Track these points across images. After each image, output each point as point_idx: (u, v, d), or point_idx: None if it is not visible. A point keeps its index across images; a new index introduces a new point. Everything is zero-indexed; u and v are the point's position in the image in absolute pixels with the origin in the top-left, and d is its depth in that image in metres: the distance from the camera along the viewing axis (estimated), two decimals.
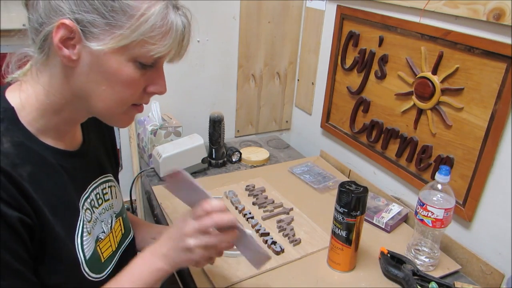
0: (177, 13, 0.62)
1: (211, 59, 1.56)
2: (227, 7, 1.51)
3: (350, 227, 0.94)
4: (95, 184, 0.76)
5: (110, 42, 0.58)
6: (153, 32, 0.59)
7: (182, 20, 0.62)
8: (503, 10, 0.89)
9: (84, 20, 0.57)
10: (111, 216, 0.80)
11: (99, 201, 0.76)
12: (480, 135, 1.00)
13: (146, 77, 0.65)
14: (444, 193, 0.96)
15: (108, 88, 0.62)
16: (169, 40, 0.61)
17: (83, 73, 0.61)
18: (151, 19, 0.58)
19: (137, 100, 0.67)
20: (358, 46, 1.33)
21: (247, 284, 0.93)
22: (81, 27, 0.57)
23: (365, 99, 1.34)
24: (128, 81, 0.62)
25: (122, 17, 0.58)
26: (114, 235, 0.79)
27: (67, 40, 0.58)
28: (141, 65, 0.62)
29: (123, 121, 0.69)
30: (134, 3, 0.58)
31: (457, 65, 1.02)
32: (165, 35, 0.60)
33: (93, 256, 0.70)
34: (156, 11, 0.58)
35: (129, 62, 0.61)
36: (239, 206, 1.20)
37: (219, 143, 1.44)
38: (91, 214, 0.72)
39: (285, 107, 1.80)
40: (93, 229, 0.72)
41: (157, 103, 1.43)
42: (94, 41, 0.58)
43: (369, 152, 1.35)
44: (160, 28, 0.59)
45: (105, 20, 0.57)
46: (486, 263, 1.00)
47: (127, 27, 0.58)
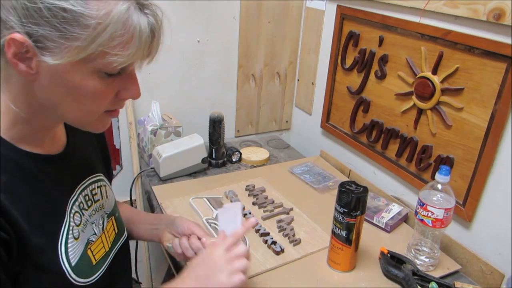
0: (142, 14, 0.56)
1: (211, 59, 1.56)
2: (227, 7, 1.51)
3: (350, 227, 0.94)
4: (84, 185, 0.74)
5: (66, 56, 0.54)
6: (113, 42, 0.54)
7: (149, 21, 0.57)
8: (503, 10, 0.89)
9: (36, 34, 0.52)
10: (102, 217, 0.78)
11: (89, 202, 0.74)
12: (480, 135, 1.00)
13: (115, 84, 0.61)
14: (444, 193, 0.96)
15: (74, 101, 0.59)
16: (133, 48, 0.56)
17: (45, 86, 0.57)
18: (109, 27, 0.53)
19: (108, 107, 0.63)
20: (358, 46, 1.33)
21: (247, 284, 0.93)
22: (33, 41, 0.53)
23: (365, 99, 1.34)
24: (94, 93, 0.58)
25: (76, 28, 0.52)
26: (107, 236, 0.78)
27: (21, 54, 0.54)
28: (107, 74, 0.58)
29: (97, 128, 0.66)
30: (88, 11, 0.52)
31: (457, 65, 1.02)
32: (127, 43, 0.55)
33: (80, 261, 0.68)
34: (115, 18, 0.53)
35: (92, 74, 0.57)
36: None
37: (219, 143, 1.44)
38: (80, 217, 0.70)
39: (285, 107, 1.80)
40: (83, 232, 0.71)
41: (157, 103, 1.43)
42: (49, 56, 0.54)
43: (369, 152, 1.35)
44: (121, 36, 0.54)
45: (58, 32, 0.52)
46: (486, 263, 1.00)
47: (83, 38, 0.53)
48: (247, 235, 1.07)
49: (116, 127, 1.48)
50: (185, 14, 1.45)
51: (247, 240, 1.05)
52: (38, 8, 0.51)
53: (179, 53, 1.49)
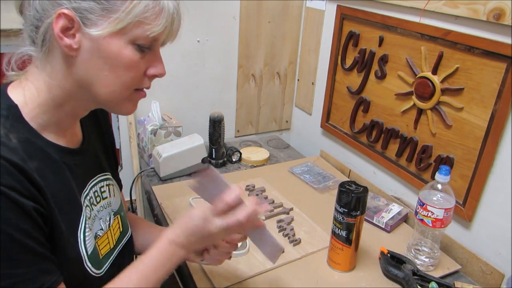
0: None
1: (211, 59, 1.56)
2: (227, 7, 1.51)
3: (350, 227, 0.94)
4: (94, 182, 0.77)
5: (108, 27, 0.60)
6: (147, 13, 0.62)
7: (172, 3, 0.65)
8: (503, 10, 0.89)
9: (81, 8, 0.59)
10: (109, 214, 0.80)
11: (97, 198, 0.77)
12: (480, 135, 1.00)
13: (145, 60, 0.66)
14: (444, 193, 0.96)
15: (111, 73, 0.64)
16: (163, 19, 0.64)
17: (84, 60, 0.62)
18: (143, 1, 0.61)
19: (139, 84, 0.68)
20: (358, 46, 1.33)
21: (247, 284, 0.93)
22: (79, 15, 0.60)
23: (365, 99, 1.34)
24: (129, 63, 0.64)
25: (116, 1, 0.60)
26: (112, 233, 0.80)
27: (67, 29, 0.60)
28: (140, 47, 0.64)
29: (128, 108, 0.70)
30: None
31: (457, 65, 1.02)
32: (159, 15, 0.63)
33: (93, 252, 0.72)
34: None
35: (128, 45, 0.63)
36: None
37: (219, 143, 1.44)
38: (90, 211, 0.74)
39: (285, 107, 1.80)
40: (92, 226, 0.74)
41: (157, 103, 1.43)
42: (92, 27, 0.60)
43: (369, 152, 1.35)
44: (153, 8, 0.62)
45: (100, 5, 0.60)
46: (486, 263, 1.00)
47: (122, 10, 0.60)
48: None
49: (116, 127, 1.48)
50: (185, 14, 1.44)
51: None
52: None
53: (179, 53, 1.49)
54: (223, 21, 1.52)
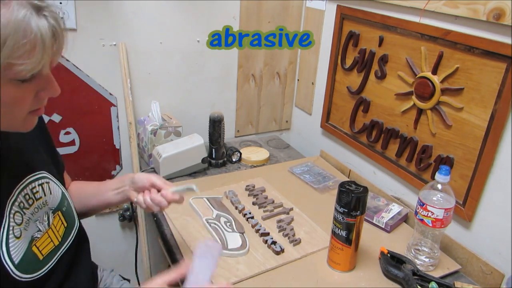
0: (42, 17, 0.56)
1: (211, 59, 1.56)
2: (227, 7, 1.51)
3: (350, 227, 0.94)
4: (23, 185, 0.74)
5: None
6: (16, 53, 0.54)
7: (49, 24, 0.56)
8: (503, 10, 0.89)
9: None
10: (47, 213, 0.78)
11: (30, 201, 0.74)
12: (480, 135, 1.00)
13: (32, 88, 0.61)
14: (444, 193, 0.96)
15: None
16: (38, 55, 0.56)
17: None
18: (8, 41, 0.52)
19: (31, 108, 0.63)
20: (358, 46, 1.33)
21: (247, 284, 0.93)
22: None
23: (365, 99, 1.34)
24: (13, 100, 0.59)
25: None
26: (55, 231, 0.79)
27: None
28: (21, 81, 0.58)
29: (26, 128, 0.67)
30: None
31: (457, 65, 1.02)
32: (32, 51, 0.55)
33: (25, 258, 0.70)
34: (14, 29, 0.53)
35: (6, 83, 0.56)
36: (239, 206, 1.20)
37: (219, 143, 1.44)
38: (21, 216, 0.71)
39: (285, 107, 1.80)
40: (26, 230, 0.72)
41: (157, 103, 1.43)
42: None
43: (369, 152, 1.36)
44: (24, 46, 0.54)
45: None
46: (486, 263, 1.00)
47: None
48: (248, 235, 1.08)
49: (116, 127, 1.48)
50: (185, 14, 1.45)
51: (247, 240, 1.05)
52: None
53: (179, 53, 1.49)
54: (223, 21, 1.52)
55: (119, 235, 1.65)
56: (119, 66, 1.39)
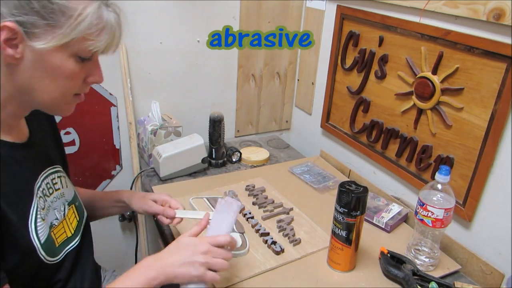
0: (109, 10, 0.68)
1: (211, 59, 1.56)
2: (227, 7, 1.51)
3: (350, 227, 0.94)
4: (45, 174, 0.80)
5: (52, 41, 0.63)
6: (90, 30, 0.66)
7: (113, 16, 0.69)
8: (503, 10, 0.89)
9: (26, 22, 0.62)
10: (64, 204, 0.84)
11: (50, 190, 0.80)
12: (480, 135, 1.00)
13: (85, 69, 0.71)
14: (444, 193, 0.96)
15: (52, 82, 0.68)
16: (105, 35, 0.68)
17: (26, 69, 0.66)
18: (88, 18, 0.64)
19: (77, 90, 0.73)
20: (358, 46, 1.33)
21: (247, 284, 0.93)
22: (23, 28, 0.62)
23: (365, 99, 1.34)
24: (70, 74, 0.68)
25: (61, 17, 0.63)
26: (68, 222, 0.85)
27: (9, 40, 0.62)
28: (80, 58, 0.68)
29: (66, 111, 0.75)
30: (71, 4, 0.63)
31: (457, 65, 1.02)
32: (101, 31, 0.67)
33: (47, 241, 0.75)
34: (92, 11, 0.65)
35: (70, 57, 0.67)
36: None
37: (219, 143, 1.44)
38: (44, 201, 0.77)
39: (285, 107, 1.80)
40: (47, 216, 0.77)
41: (157, 103, 1.43)
42: (36, 41, 0.63)
43: (369, 152, 1.35)
44: (97, 25, 0.66)
45: (45, 21, 0.62)
46: (486, 263, 1.00)
47: (66, 26, 0.63)
48: (248, 235, 1.08)
49: (116, 127, 1.48)
50: (185, 14, 1.45)
51: (247, 240, 1.05)
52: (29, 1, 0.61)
53: (179, 53, 1.49)
54: (223, 21, 1.52)
55: (119, 235, 1.66)
56: (119, 66, 1.39)
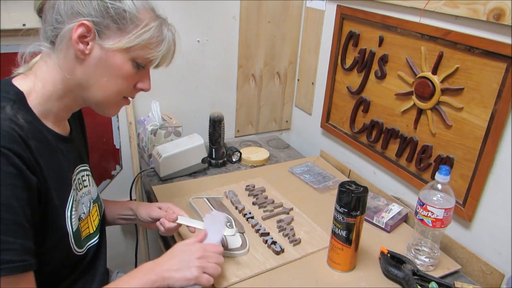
0: (168, 29, 0.79)
1: (211, 59, 1.56)
2: (227, 7, 1.51)
3: (350, 227, 0.94)
4: (78, 169, 0.86)
5: (118, 43, 0.73)
6: (152, 40, 0.76)
7: (171, 34, 0.80)
8: (503, 10, 0.89)
9: (100, 23, 0.72)
10: (90, 201, 0.90)
11: (80, 185, 0.87)
12: (480, 135, 1.00)
13: (137, 75, 0.80)
14: (444, 193, 0.96)
15: (110, 80, 0.76)
16: (162, 47, 0.78)
17: (90, 65, 0.74)
18: (152, 30, 0.75)
19: (127, 93, 0.82)
20: (358, 46, 1.33)
21: (247, 284, 0.93)
22: (97, 28, 0.72)
23: (365, 99, 1.34)
24: (127, 75, 0.77)
25: (130, 25, 0.74)
26: (92, 219, 0.90)
27: (83, 37, 0.72)
28: (137, 64, 0.78)
29: (114, 111, 0.84)
30: (140, 16, 0.74)
31: (457, 65, 1.02)
32: (160, 43, 0.78)
33: (77, 231, 0.81)
34: (155, 25, 0.76)
35: (129, 61, 0.76)
36: (239, 206, 1.20)
37: (219, 143, 1.44)
38: (76, 194, 0.83)
39: (285, 107, 1.80)
40: (77, 208, 0.83)
41: (157, 103, 1.43)
42: (105, 40, 0.73)
43: (369, 152, 1.35)
44: (157, 37, 0.77)
45: (116, 25, 0.73)
46: (486, 263, 1.00)
47: (133, 33, 0.74)
48: (248, 235, 1.08)
49: (116, 127, 1.48)
50: (185, 14, 1.45)
51: (247, 240, 1.05)
52: (106, 6, 0.72)
53: (179, 53, 1.47)
54: (223, 21, 1.52)
55: (119, 235, 1.66)
56: None
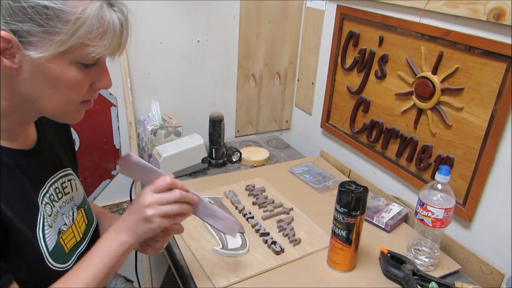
0: (113, 11, 0.63)
1: (211, 59, 1.56)
2: (227, 7, 1.51)
3: (350, 227, 0.94)
4: (54, 179, 0.78)
5: (49, 49, 0.59)
6: (91, 34, 0.60)
7: (118, 17, 0.64)
8: (503, 10, 0.89)
9: (20, 30, 0.57)
10: (72, 209, 0.82)
11: (59, 195, 0.78)
12: (480, 135, 1.00)
13: (90, 75, 0.66)
14: (444, 193, 0.96)
15: (54, 91, 0.64)
16: (108, 39, 0.63)
17: (27, 79, 0.62)
18: (87, 22, 0.59)
19: (84, 97, 0.69)
20: (358, 46, 1.33)
21: (247, 284, 0.93)
22: (18, 37, 0.58)
23: (365, 99, 1.34)
24: (73, 83, 0.64)
25: (57, 23, 0.58)
26: (78, 226, 0.82)
27: (5, 50, 0.58)
28: (84, 65, 0.64)
29: (74, 118, 0.72)
30: (67, 9, 0.58)
31: (457, 65, 1.02)
32: (103, 35, 0.62)
33: (56, 247, 0.73)
34: (92, 13, 0.60)
35: (71, 65, 0.62)
36: (239, 206, 1.20)
37: (219, 143, 1.44)
38: (51, 208, 0.75)
39: (285, 107, 1.80)
40: (55, 222, 0.75)
41: (157, 103, 1.43)
42: (33, 50, 0.59)
43: (369, 152, 1.35)
44: (98, 29, 0.61)
45: (41, 28, 0.58)
46: (486, 263, 1.00)
47: (64, 32, 0.59)
48: (248, 235, 1.08)
49: (116, 127, 1.48)
50: (185, 14, 1.45)
51: (247, 240, 1.05)
52: (22, 7, 0.57)
53: (179, 53, 1.49)
54: (223, 21, 1.52)
55: None
56: (119, 66, 1.39)
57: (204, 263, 0.97)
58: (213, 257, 0.99)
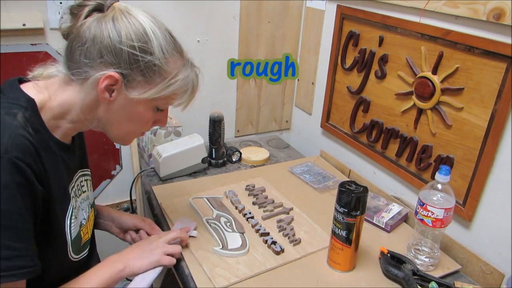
0: (193, 70, 0.80)
1: (211, 59, 1.56)
2: (227, 7, 1.51)
3: (350, 227, 0.94)
4: (78, 175, 0.87)
5: (144, 94, 0.74)
6: (177, 91, 0.78)
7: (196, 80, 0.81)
8: (503, 10, 0.89)
9: (128, 75, 0.73)
10: (88, 206, 0.91)
11: (79, 191, 0.87)
12: (480, 135, 1.00)
13: (157, 116, 0.82)
14: (444, 193, 0.96)
15: (129, 123, 0.79)
16: (187, 96, 0.80)
17: (113, 110, 0.76)
18: (178, 82, 0.76)
19: (144, 131, 0.85)
20: (358, 46, 1.33)
21: (247, 284, 0.93)
22: (124, 79, 0.73)
23: (365, 99, 1.34)
24: (147, 120, 0.81)
25: (157, 77, 0.75)
26: (89, 224, 0.91)
27: (109, 86, 0.72)
28: (158, 109, 0.81)
29: (127, 143, 0.87)
30: (168, 69, 0.75)
31: (457, 65, 1.02)
32: (185, 93, 0.79)
33: (76, 238, 0.82)
34: (182, 77, 0.77)
35: (152, 107, 0.79)
36: (239, 206, 1.20)
37: (219, 143, 1.44)
38: (75, 201, 0.83)
39: (285, 107, 1.80)
40: (78, 215, 0.84)
41: None
42: (131, 91, 0.74)
43: (369, 152, 1.35)
44: (182, 88, 0.78)
45: (144, 77, 0.74)
46: (486, 263, 1.00)
47: (160, 86, 0.75)
48: (248, 235, 1.08)
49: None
50: (185, 14, 1.45)
51: (247, 240, 1.05)
52: (136, 59, 0.72)
53: None
54: (223, 21, 1.52)
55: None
56: None
57: (204, 263, 0.97)
58: (213, 257, 0.99)
